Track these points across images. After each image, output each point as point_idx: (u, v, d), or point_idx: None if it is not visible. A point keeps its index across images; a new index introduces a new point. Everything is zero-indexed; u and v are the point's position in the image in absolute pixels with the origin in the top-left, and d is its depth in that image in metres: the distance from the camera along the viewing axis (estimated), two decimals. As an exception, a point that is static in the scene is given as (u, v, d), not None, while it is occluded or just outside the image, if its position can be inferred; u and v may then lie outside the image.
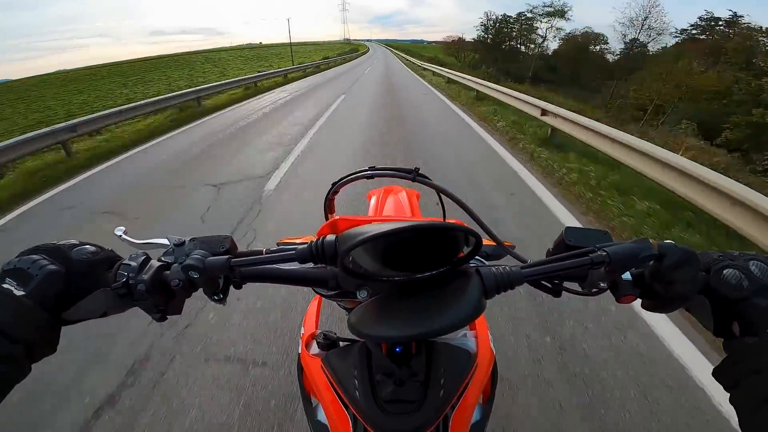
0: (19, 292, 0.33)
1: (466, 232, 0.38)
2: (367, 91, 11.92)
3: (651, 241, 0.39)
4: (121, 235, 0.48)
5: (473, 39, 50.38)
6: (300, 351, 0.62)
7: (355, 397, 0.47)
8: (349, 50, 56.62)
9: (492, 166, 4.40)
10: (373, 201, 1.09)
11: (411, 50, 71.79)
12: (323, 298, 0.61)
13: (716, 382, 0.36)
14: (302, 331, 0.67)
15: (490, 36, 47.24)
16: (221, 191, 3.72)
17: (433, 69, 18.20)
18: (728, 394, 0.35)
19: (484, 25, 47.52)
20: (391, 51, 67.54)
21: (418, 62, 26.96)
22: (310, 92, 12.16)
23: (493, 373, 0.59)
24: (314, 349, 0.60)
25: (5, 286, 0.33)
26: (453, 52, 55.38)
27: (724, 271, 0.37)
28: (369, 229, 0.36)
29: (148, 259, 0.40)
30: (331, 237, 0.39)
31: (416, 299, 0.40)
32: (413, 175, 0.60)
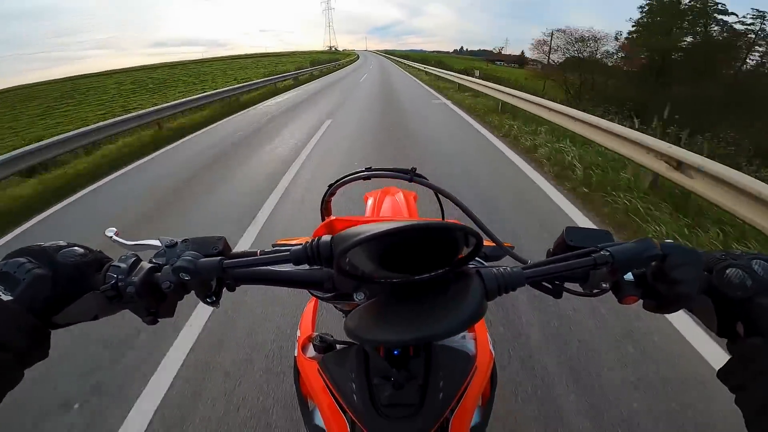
0: (6, 297, 0.32)
1: (466, 232, 0.37)
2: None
3: (653, 240, 0.38)
4: (111, 236, 0.47)
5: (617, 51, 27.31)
6: (296, 354, 0.61)
7: (352, 401, 0.46)
8: (327, 60, 38.68)
9: None
10: (369, 202, 1.09)
11: (429, 58, 45.90)
12: (318, 301, 0.60)
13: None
14: (298, 334, 0.66)
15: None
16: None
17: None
18: (733, 396, 0.34)
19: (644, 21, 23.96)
20: (391, 59, 48.67)
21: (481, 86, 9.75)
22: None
23: (493, 375, 0.58)
24: (310, 351, 0.59)
25: None
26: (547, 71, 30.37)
27: (727, 271, 0.37)
28: (366, 229, 0.35)
29: (138, 260, 0.39)
30: (326, 237, 0.38)
31: (416, 301, 0.39)
32: (410, 176, 0.60)
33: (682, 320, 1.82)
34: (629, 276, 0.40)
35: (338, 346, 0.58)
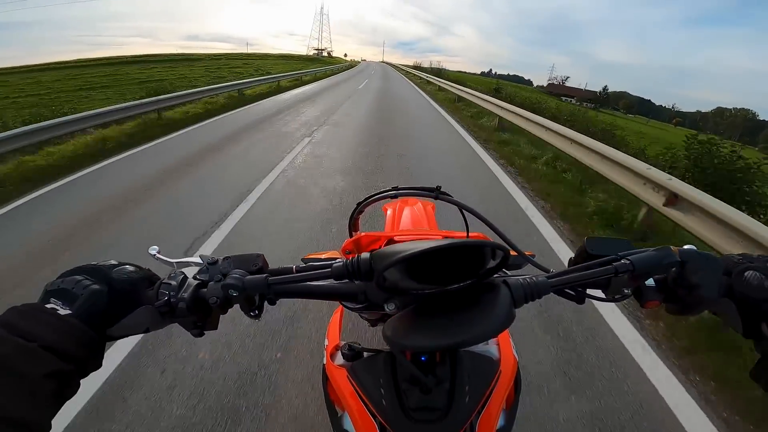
0: (65, 311, 0.34)
1: (494, 247, 0.39)
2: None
3: (672, 248, 0.40)
4: (154, 254, 0.49)
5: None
6: (325, 362, 0.63)
7: (382, 406, 0.48)
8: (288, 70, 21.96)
9: None
10: (389, 213, 1.12)
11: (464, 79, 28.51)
12: (345, 311, 0.63)
13: None
14: (326, 343, 0.69)
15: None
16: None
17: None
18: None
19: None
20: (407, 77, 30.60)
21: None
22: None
23: (516, 379, 0.59)
24: (339, 359, 0.61)
25: (50, 306, 0.34)
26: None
27: (746, 274, 0.38)
28: (404, 248, 0.38)
29: (185, 278, 0.41)
30: (365, 255, 0.41)
31: (448, 311, 0.41)
32: (436, 194, 0.62)
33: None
34: (650, 281, 0.42)
35: (365, 354, 0.59)
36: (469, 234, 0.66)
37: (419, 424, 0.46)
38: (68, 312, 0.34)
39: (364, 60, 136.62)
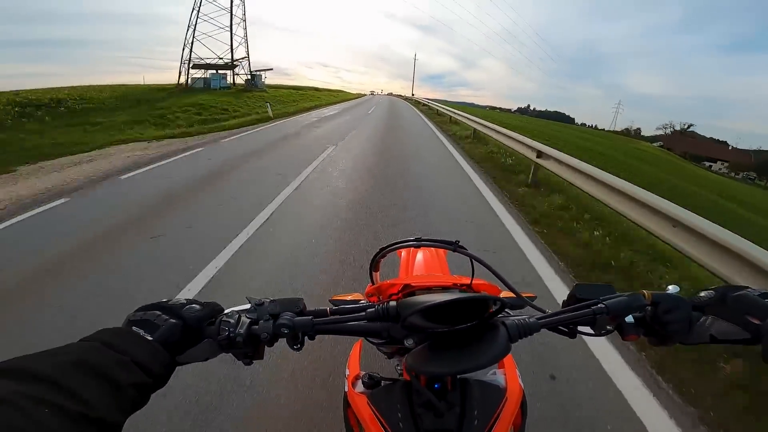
0: (148, 337, 0.41)
1: (494, 300, 0.49)
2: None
3: (645, 292, 0.48)
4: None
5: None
6: (347, 390, 0.69)
7: (399, 429, 0.54)
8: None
9: None
10: (403, 256, 1.19)
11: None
12: (363, 343, 0.71)
13: None
14: (347, 373, 0.75)
15: None
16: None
17: None
18: None
19: None
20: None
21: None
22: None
23: (523, 406, 0.63)
24: (359, 387, 0.67)
25: (136, 330, 0.41)
26: None
27: (701, 294, 0.51)
28: (425, 299, 0.48)
29: (240, 316, 0.48)
30: (393, 303, 0.51)
31: (457, 345, 0.49)
32: (454, 247, 0.71)
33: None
34: (630, 318, 0.49)
35: (383, 383, 0.66)
36: (474, 281, 0.72)
37: None
38: (151, 338, 0.41)
39: (373, 93, 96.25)
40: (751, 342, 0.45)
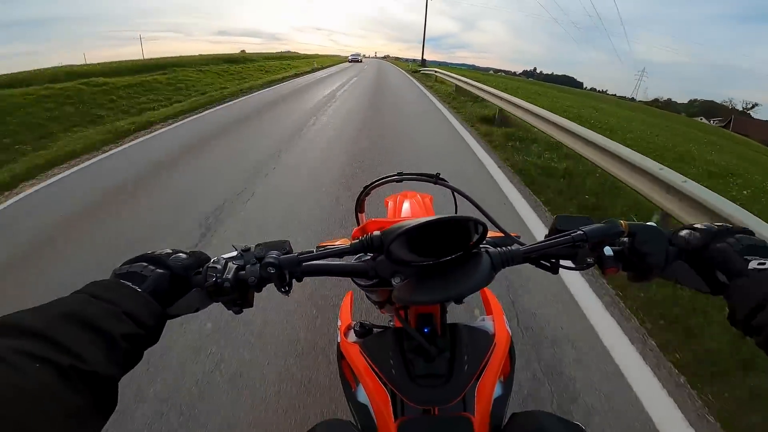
0: (137, 289, 0.39)
1: (477, 223, 0.48)
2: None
3: (622, 221, 0.47)
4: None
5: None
6: (339, 340, 0.69)
7: (392, 375, 0.55)
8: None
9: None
10: (390, 205, 1.19)
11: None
12: (354, 295, 0.71)
13: None
14: (339, 323, 0.76)
15: None
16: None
17: None
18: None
19: None
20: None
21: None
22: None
23: (511, 352, 0.64)
24: (352, 337, 0.68)
25: (125, 282, 0.39)
26: None
27: (681, 233, 0.47)
28: (406, 224, 0.46)
29: (227, 262, 0.47)
30: (377, 233, 0.49)
31: (443, 275, 0.49)
32: (435, 179, 0.71)
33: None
34: (609, 251, 0.49)
35: (375, 331, 0.67)
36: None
37: (425, 388, 0.53)
38: (140, 290, 0.39)
39: (357, 59, 44.64)
40: (712, 294, 0.45)
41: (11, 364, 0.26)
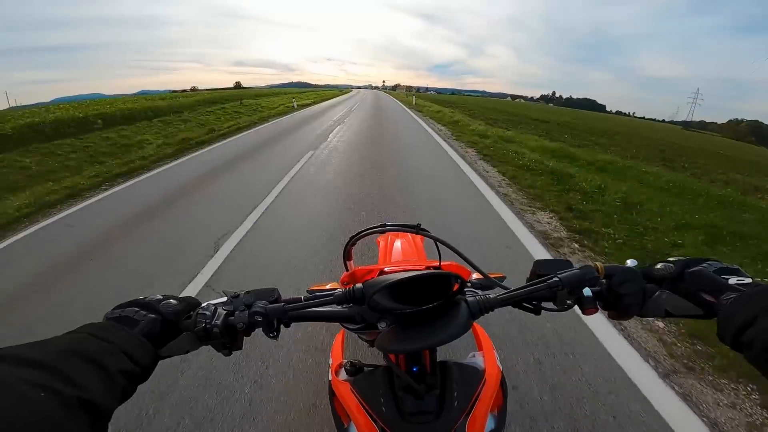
0: (132, 331, 0.42)
1: (455, 277, 0.51)
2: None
3: (598, 264, 0.49)
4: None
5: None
6: (330, 378, 0.71)
7: (382, 412, 0.56)
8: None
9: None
10: (381, 244, 1.22)
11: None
12: (345, 333, 0.72)
13: None
14: (330, 362, 0.77)
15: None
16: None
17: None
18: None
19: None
20: None
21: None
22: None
23: (503, 386, 0.64)
24: (343, 375, 0.69)
25: (119, 325, 0.42)
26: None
27: (656, 266, 0.49)
28: (387, 278, 0.49)
29: (216, 308, 0.49)
30: (359, 285, 0.51)
31: (423, 324, 0.51)
32: (416, 230, 0.73)
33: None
34: (589, 292, 0.49)
35: (366, 369, 0.68)
36: (442, 263, 0.73)
37: (415, 425, 0.54)
38: (133, 333, 0.42)
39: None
40: (705, 317, 0.45)
41: (16, 392, 0.28)
